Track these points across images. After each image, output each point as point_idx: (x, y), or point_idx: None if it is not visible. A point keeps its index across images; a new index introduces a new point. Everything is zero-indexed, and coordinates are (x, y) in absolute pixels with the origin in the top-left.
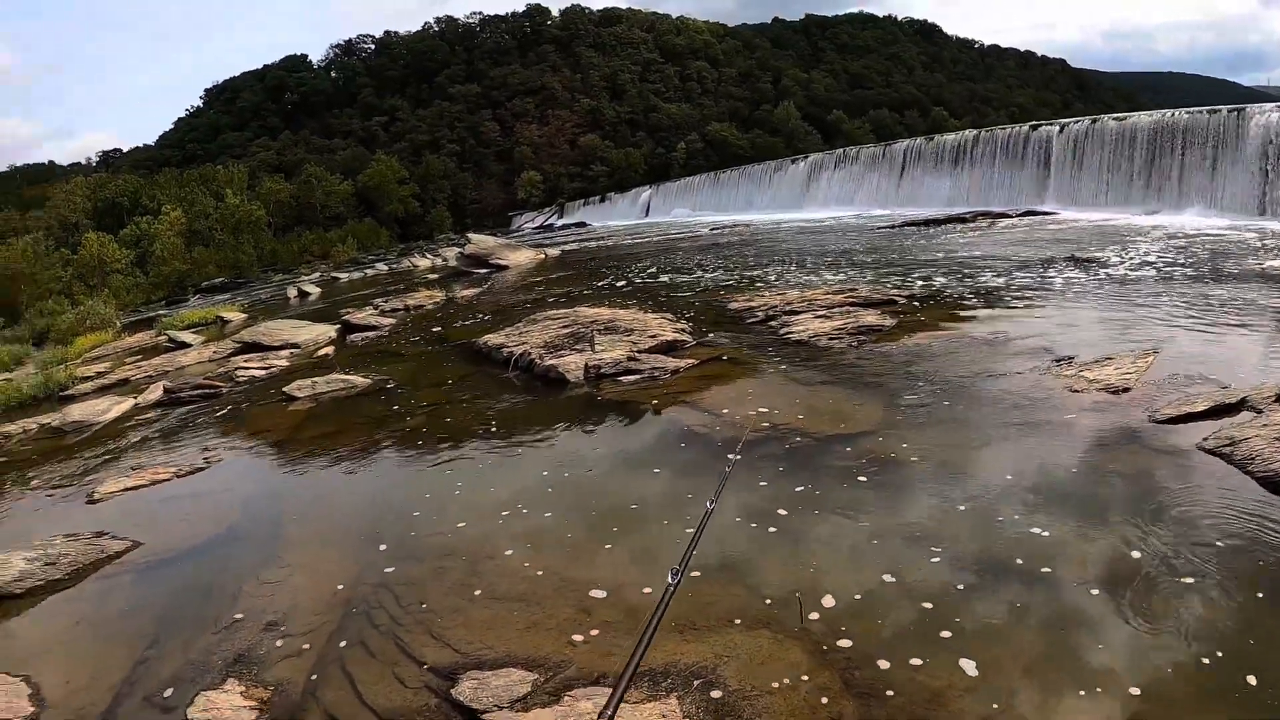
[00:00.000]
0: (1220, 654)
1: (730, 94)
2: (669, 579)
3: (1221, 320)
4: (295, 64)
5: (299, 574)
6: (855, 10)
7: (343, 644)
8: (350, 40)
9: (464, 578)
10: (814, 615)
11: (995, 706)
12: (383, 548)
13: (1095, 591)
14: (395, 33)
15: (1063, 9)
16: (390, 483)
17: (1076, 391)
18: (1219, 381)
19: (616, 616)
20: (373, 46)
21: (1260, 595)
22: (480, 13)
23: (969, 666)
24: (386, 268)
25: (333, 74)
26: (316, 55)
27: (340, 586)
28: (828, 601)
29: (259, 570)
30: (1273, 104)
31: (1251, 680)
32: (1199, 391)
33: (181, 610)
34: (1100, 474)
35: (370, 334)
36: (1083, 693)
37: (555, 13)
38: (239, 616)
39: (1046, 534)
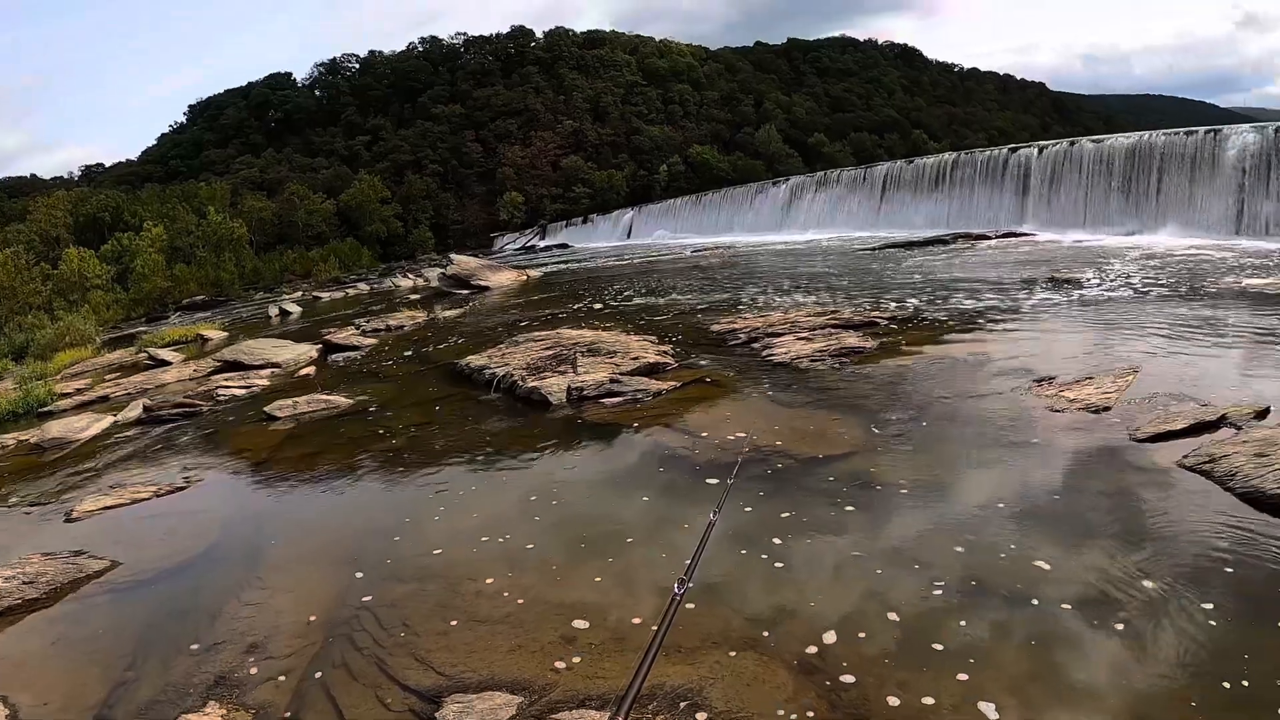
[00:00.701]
0: (1245, 683)
1: (712, 116)
2: (675, 589)
3: (1200, 338)
4: (279, 81)
5: (280, 596)
6: (837, 34)
7: (325, 666)
8: (335, 59)
9: (446, 601)
10: (812, 649)
11: None
12: (364, 570)
13: (1119, 627)
14: (380, 52)
15: (1042, 33)
16: (371, 505)
17: (1057, 411)
18: (1198, 399)
19: (600, 640)
20: (357, 66)
21: (1250, 610)
22: (464, 34)
23: (989, 709)
24: (368, 287)
25: (317, 92)
26: (301, 73)
27: (322, 609)
28: (829, 638)
29: (239, 591)
30: (1248, 125)
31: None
32: (1179, 409)
33: (161, 631)
34: (1086, 495)
35: (352, 354)
36: None
37: (539, 34)
38: (219, 638)
39: (1048, 566)
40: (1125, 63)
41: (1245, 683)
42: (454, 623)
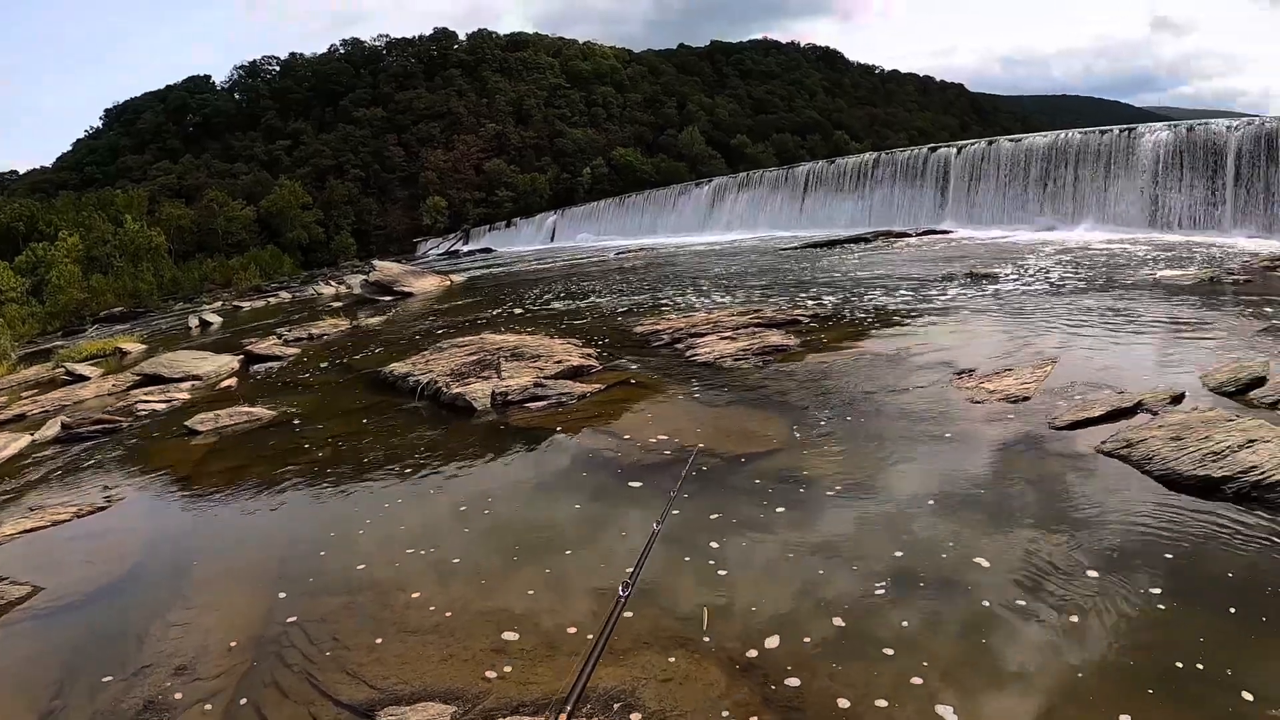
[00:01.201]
0: (1200, 665)
1: (635, 119)
2: (620, 591)
3: (1116, 329)
4: (198, 85)
5: (207, 615)
6: (759, 37)
7: (255, 686)
8: (254, 61)
9: (376, 614)
10: (751, 650)
11: None
12: (292, 586)
13: (1071, 618)
14: (300, 54)
15: (963, 36)
16: (297, 518)
17: (978, 403)
18: (1115, 387)
19: (533, 646)
20: (277, 68)
21: (1189, 590)
22: (386, 36)
23: (947, 713)
24: (290, 295)
25: (236, 95)
26: (220, 76)
27: (250, 626)
28: (769, 640)
29: (165, 612)
30: (1162, 123)
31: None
32: (1096, 397)
33: (87, 657)
34: (1011, 483)
35: (274, 364)
36: None
37: (462, 37)
38: (146, 662)
39: (986, 561)
40: (1044, 65)
41: (1200, 665)
42: (385, 636)
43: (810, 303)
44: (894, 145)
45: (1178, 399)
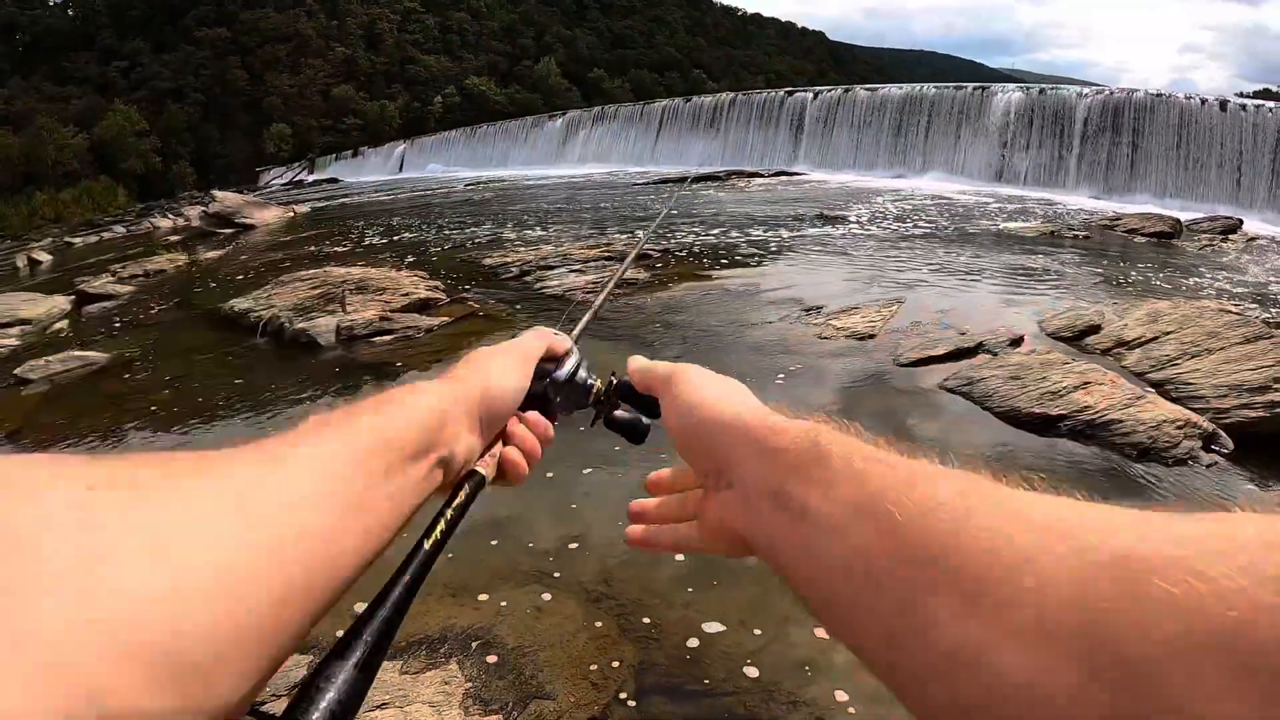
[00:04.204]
0: None
1: (491, 48)
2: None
3: (960, 274)
4: None
5: None
6: None
7: None
8: None
9: None
10: (602, 580)
11: None
12: None
13: None
14: None
15: None
16: None
17: (825, 338)
18: (958, 328)
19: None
20: None
21: None
22: None
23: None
24: (125, 230)
25: (70, 12)
26: None
27: None
28: (617, 568)
29: None
30: (1014, 85)
31: None
32: (939, 337)
33: None
34: (857, 414)
35: (108, 304)
36: None
37: None
38: None
39: None
40: (906, 19)
41: None
42: None
43: (662, 238)
44: (751, 87)
45: (1017, 341)
